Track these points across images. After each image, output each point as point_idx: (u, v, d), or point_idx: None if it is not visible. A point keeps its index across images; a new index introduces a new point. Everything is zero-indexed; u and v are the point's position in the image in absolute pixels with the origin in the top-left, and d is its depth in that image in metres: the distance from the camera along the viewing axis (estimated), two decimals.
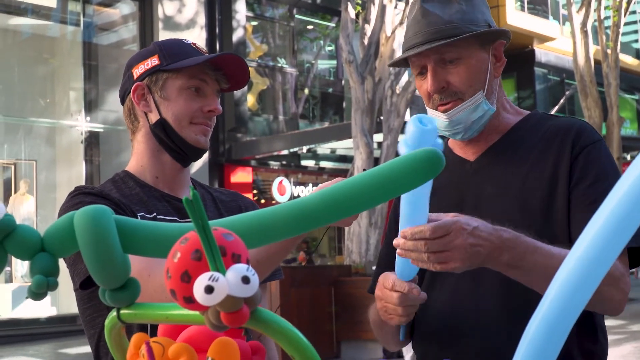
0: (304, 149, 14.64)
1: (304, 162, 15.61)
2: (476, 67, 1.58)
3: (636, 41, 27.00)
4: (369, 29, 10.91)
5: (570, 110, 21.73)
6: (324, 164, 15.88)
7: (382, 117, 11.07)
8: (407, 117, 12.06)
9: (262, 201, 14.63)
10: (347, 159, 15.31)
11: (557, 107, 19.80)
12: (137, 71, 1.66)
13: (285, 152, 14.52)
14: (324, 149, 15.08)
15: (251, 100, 15.35)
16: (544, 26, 20.88)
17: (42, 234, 0.70)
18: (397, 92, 10.95)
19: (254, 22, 15.90)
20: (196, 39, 13.19)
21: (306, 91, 16.60)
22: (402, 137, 1.27)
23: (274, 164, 15.07)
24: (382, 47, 11.04)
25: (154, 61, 1.64)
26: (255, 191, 14.91)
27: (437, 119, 1.60)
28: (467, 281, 1.58)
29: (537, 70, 21.49)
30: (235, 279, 0.56)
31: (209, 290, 0.55)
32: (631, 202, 0.58)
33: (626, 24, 18.34)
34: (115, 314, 0.72)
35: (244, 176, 14.43)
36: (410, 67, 1.66)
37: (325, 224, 0.72)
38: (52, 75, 13.47)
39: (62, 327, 11.16)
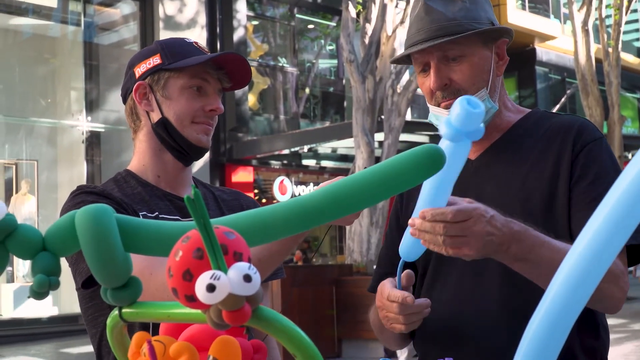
0: (305, 149, 14.63)
1: (305, 162, 15.61)
2: (479, 65, 1.58)
3: (637, 40, 26.97)
4: (369, 28, 10.90)
5: (571, 109, 21.70)
6: (325, 164, 15.87)
7: (383, 117, 11.06)
8: (408, 117, 12.06)
9: (263, 200, 14.63)
10: (348, 159, 15.30)
11: (558, 106, 19.78)
12: (139, 70, 1.66)
13: (286, 151, 14.51)
14: (325, 148, 15.08)
15: (252, 99, 15.34)
16: (545, 25, 20.85)
17: (44, 233, 0.70)
18: (398, 91, 10.94)
19: (255, 22, 15.90)
20: (197, 38, 13.15)
21: (307, 90, 16.60)
22: (445, 118, 1.22)
23: (275, 164, 15.07)
24: (383, 46, 11.03)
25: (155, 60, 1.64)
26: (256, 191, 14.91)
27: (440, 117, 1.60)
28: (468, 281, 1.58)
29: (538, 69, 21.47)
30: (237, 277, 0.56)
31: (211, 288, 0.55)
32: (631, 198, 0.58)
33: (627, 23, 18.32)
34: (117, 312, 0.72)
35: (245, 176, 14.43)
36: (412, 65, 1.66)
37: (327, 221, 0.72)
38: (53, 75, 13.47)
39: (63, 326, 11.17)
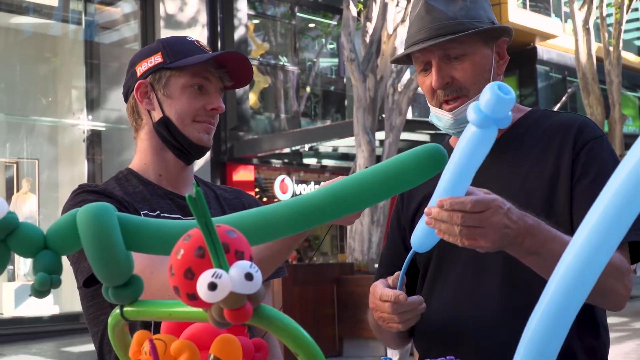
0: (306, 147, 14.62)
1: (305, 160, 15.60)
2: (481, 63, 1.58)
3: (638, 38, 26.95)
4: (370, 27, 10.89)
5: (572, 107, 21.68)
6: (325, 162, 15.87)
7: (384, 115, 11.05)
8: (409, 115, 12.05)
9: (264, 199, 14.63)
10: (349, 157, 15.30)
11: (559, 105, 19.77)
12: (141, 69, 1.66)
13: (287, 150, 14.50)
14: (325, 147, 15.07)
15: (253, 98, 15.34)
16: (545, 24, 20.83)
17: (45, 231, 0.70)
18: (399, 90, 10.93)
19: (256, 21, 15.89)
20: (198, 37, 13.13)
21: (308, 89, 16.59)
22: (473, 103, 1.20)
23: (276, 162, 15.07)
24: (383, 45, 11.02)
25: (157, 59, 1.64)
26: (257, 189, 14.91)
27: (442, 117, 1.60)
28: (469, 280, 1.58)
29: (539, 67, 21.45)
30: (238, 276, 0.56)
31: (212, 287, 0.55)
32: (629, 190, 0.58)
33: (628, 22, 18.30)
34: (118, 311, 0.72)
35: (246, 174, 14.43)
36: (412, 64, 1.66)
37: (328, 220, 0.72)
38: (54, 74, 13.48)
39: (65, 325, 11.18)
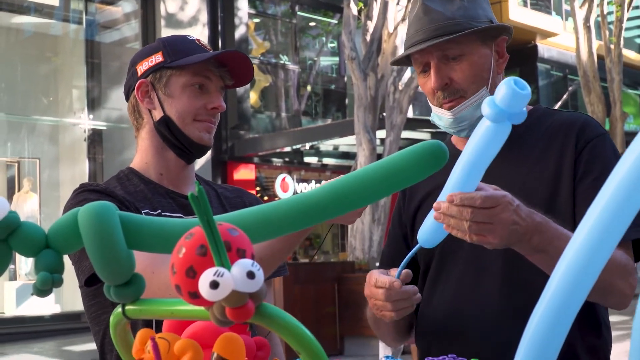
0: (307, 146, 14.62)
1: (306, 159, 15.60)
2: (479, 63, 1.58)
3: (639, 36, 26.92)
4: (371, 26, 10.89)
5: (573, 105, 21.66)
6: (326, 161, 15.87)
7: (384, 114, 11.05)
8: (409, 114, 12.05)
9: (265, 198, 14.63)
10: (349, 156, 15.29)
11: (560, 103, 19.76)
12: (141, 68, 1.66)
13: (288, 149, 14.50)
14: (326, 145, 15.06)
15: (254, 97, 15.34)
16: (546, 22, 20.81)
17: (46, 231, 0.70)
18: (400, 88, 10.93)
19: (256, 20, 15.88)
20: (198, 36, 13.09)
21: (308, 88, 16.58)
22: (488, 97, 1.20)
23: (277, 161, 15.06)
24: (384, 43, 11.02)
25: (157, 58, 1.64)
26: (258, 188, 14.91)
27: (442, 117, 1.60)
28: (470, 279, 1.58)
29: (540, 66, 21.43)
30: (240, 274, 0.56)
31: (214, 285, 0.55)
32: (629, 187, 0.58)
33: (629, 19, 18.26)
34: (120, 310, 0.72)
35: (246, 173, 14.43)
36: (412, 66, 1.66)
37: (329, 217, 0.72)
38: (55, 73, 13.48)
39: (66, 324, 11.18)
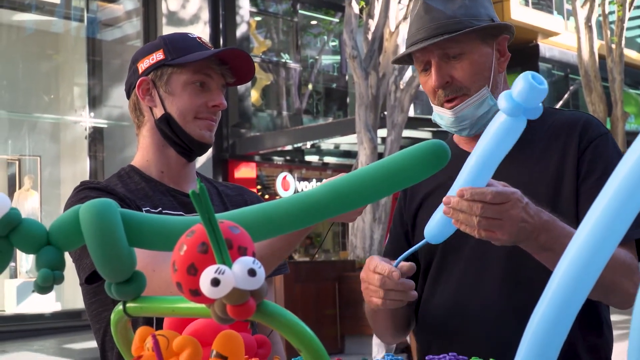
0: (308, 145, 14.62)
1: (307, 158, 15.60)
2: (480, 62, 1.58)
3: None
4: (372, 24, 10.88)
5: (574, 105, 21.64)
6: (327, 160, 15.86)
7: (386, 113, 11.05)
8: (411, 113, 12.04)
9: (266, 196, 14.62)
10: (351, 155, 15.29)
11: (561, 102, 19.73)
12: (142, 65, 1.66)
13: (289, 147, 14.50)
14: (327, 144, 15.07)
15: (255, 95, 15.33)
16: (548, 21, 20.79)
17: (48, 228, 0.70)
18: (401, 87, 10.93)
19: (258, 18, 15.88)
20: (200, 34, 13.09)
21: (310, 87, 16.58)
22: (505, 91, 1.19)
23: (278, 160, 15.07)
24: (385, 42, 11.02)
25: (159, 56, 1.64)
26: (259, 187, 14.91)
27: (444, 116, 1.60)
28: (472, 277, 1.58)
29: (542, 65, 21.41)
30: (241, 272, 0.56)
31: (215, 282, 0.55)
32: (631, 185, 0.58)
33: (631, 19, 18.23)
34: (121, 307, 0.72)
35: (247, 172, 14.43)
36: (414, 64, 1.66)
37: (330, 216, 0.72)
38: (56, 71, 13.48)
39: (67, 322, 11.19)
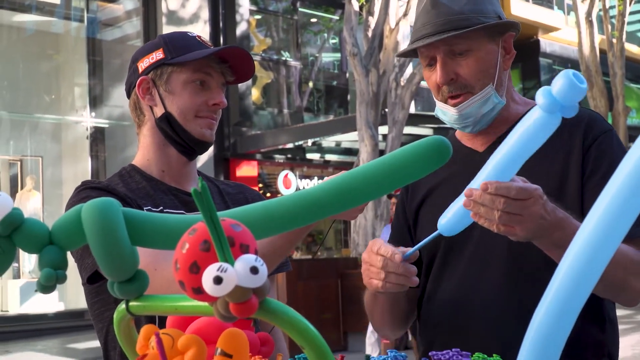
0: (309, 142, 14.62)
1: (309, 156, 15.59)
2: (486, 59, 1.57)
3: None
4: (372, 21, 10.87)
5: None
6: (329, 157, 15.86)
7: (386, 110, 11.04)
8: (411, 109, 12.03)
9: (268, 195, 14.62)
10: (352, 152, 15.28)
11: None
12: (142, 65, 1.65)
13: (290, 145, 14.50)
14: (329, 142, 15.06)
15: (255, 94, 15.33)
16: (548, 16, 20.77)
17: (50, 227, 0.70)
18: (402, 84, 10.92)
19: (258, 16, 15.87)
20: (200, 33, 12.99)
21: (310, 84, 16.57)
22: (545, 87, 1.20)
23: (279, 158, 15.07)
24: (386, 39, 11.01)
25: (158, 55, 1.64)
26: (260, 185, 14.91)
27: (447, 112, 1.60)
28: (475, 273, 1.58)
29: (542, 60, 21.38)
30: (243, 270, 0.56)
31: (218, 280, 0.55)
32: (634, 182, 0.58)
33: (631, 13, 18.21)
34: (124, 306, 0.72)
35: (249, 170, 14.43)
36: (418, 58, 1.65)
37: (332, 213, 0.72)
38: (57, 71, 13.48)
39: (70, 322, 11.20)
